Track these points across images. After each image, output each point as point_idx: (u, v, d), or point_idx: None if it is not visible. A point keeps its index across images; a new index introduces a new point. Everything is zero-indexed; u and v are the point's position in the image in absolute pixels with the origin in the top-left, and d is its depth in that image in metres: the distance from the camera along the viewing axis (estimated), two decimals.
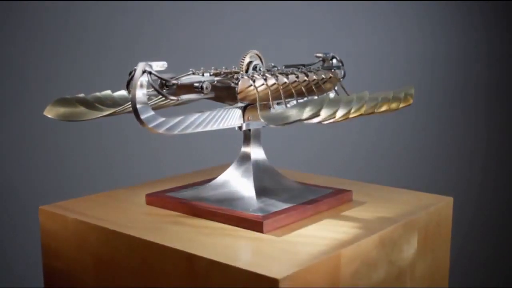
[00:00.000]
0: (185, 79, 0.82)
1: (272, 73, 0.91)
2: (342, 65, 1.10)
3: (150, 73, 0.78)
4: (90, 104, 0.92)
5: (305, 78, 0.93)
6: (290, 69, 0.96)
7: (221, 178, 0.97)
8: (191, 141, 1.51)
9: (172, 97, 0.81)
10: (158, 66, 0.80)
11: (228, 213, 0.87)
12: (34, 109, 1.30)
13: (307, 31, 1.80)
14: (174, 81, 0.81)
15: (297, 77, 0.92)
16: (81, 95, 0.93)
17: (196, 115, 0.85)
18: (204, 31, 1.59)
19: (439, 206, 0.98)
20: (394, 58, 2.01)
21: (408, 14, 2.02)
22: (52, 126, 1.25)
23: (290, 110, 0.87)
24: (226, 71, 0.94)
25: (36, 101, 1.31)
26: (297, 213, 0.89)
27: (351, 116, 0.80)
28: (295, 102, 0.94)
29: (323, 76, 0.97)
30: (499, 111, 2.27)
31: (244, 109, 0.93)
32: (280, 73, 0.92)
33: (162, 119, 0.81)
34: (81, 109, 0.91)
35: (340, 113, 0.80)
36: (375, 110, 0.81)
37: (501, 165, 2.29)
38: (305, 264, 0.72)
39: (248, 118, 0.93)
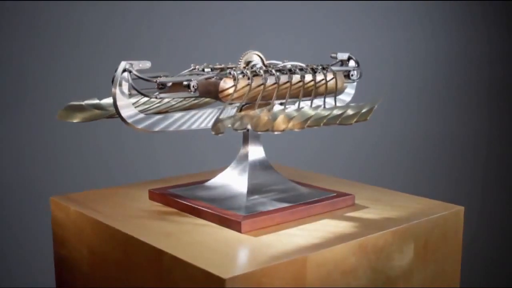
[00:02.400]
0: (165, 79, 0.83)
1: (266, 71, 0.90)
2: (358, 66, 1.08)
3: (131, 71, 0.80)
4: (101, 107, 0.95)
5: (299, 79, 0.92)
6: (292, 68, 0.94)
7: (218, 177, 0.98)
8: (200, 143, 1.52)
9: (152, 96, 0.82)
10: (141, 65, 0.82)
11: (212, 212, 0.88)
12: (42, 109, 1.37)
13: (308, 31, 1.77)
14: (154, 81, 0.82)
15: (291, 77, 0.91)
16: (96, 100, 0.95)
17: (180, 113, 0.86)
18: (209, 30, 1.59)
19: (444, 215, 0.93)
20: (395, 58, 1.95)
21: (409, 14, 1.97)
22: (63, 126, 1.30)
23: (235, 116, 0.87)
24: (231, 66, 0.94)
25: (41, 101, 1.37)
26: (283, 215, 0.88)
27: (292, 128, 0.82)
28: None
29: (322, 77, 0.94)
30: (504, 111, 2.18)
31: (240, 109, 0.93)
32: (274, 72, 0.90)
33: (143, 115, 0.83)
34: (93, 111, 0.94)
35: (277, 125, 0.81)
36: (321, 124, 0.83)
37: (503, 164, 2.20)
38: (262, 265, 0.72)
39: None
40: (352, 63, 1.08)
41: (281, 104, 0.99)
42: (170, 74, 0.87)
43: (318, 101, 1.00)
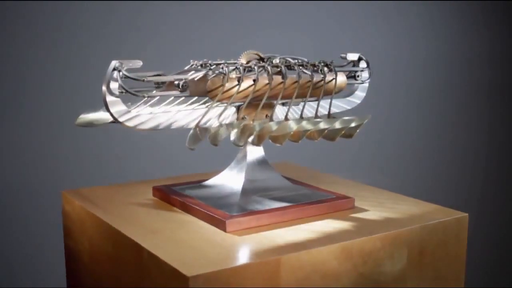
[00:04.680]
0: (153, 78, 0.84)
1: (261, 66, 0.89)
2: (368, 66, 1.06)
3: (120, 71, 0.82)
4: None
5: (295, 80, 0.91)
6: (291, 64, 0.92)
7: (219, 176, 0.98)
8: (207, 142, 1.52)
9: (138, 94, 0.83)
10: (131, 64, 0.83)
11: (203, 210, 0.88)
12: (58, 109, 1.41)
13: (309, 31, 1.74)
14: (142, 79, 0.83)
15: (284, 78, 0.89)
16: None
17: (172, 112, 0.88)
18: (214, 28, 1.58)
19: (444, 222, 0.90)
20: (395, 59, 1.90)
21: (409, 14, 1.92)
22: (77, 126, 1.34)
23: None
24: (231, 62, 0.93)
25: (55, 101, 1.41)
26: (272, 215, 0.87)
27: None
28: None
29: (320, 78, 0.93)
30: (504, 112, 2.14)
31: (238, 108, 0.93)
32: (269, 69, 0.89)
33: (133, 114, 0.85)
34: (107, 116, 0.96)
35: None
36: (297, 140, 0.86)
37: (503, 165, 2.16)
38: (230, 265, 0.72)
39: (242, 117, 0.93)
40: (362, 64, 1.05)
41: (283, 104, 0.99)
42: (169, 72, 0.88)
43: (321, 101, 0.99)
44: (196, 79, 0.85)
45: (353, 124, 0.89)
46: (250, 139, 0.86)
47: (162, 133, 1.01)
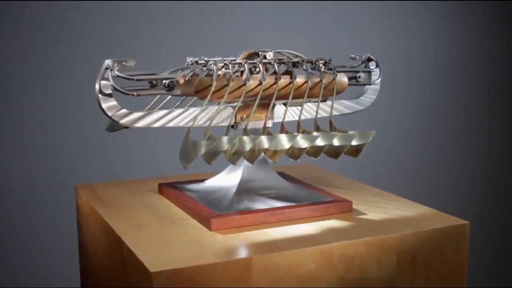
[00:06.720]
0: (142, 76, 0.86)
1: (253, 64, 0.88)
2: (377, 66, 1.03)
3: (112, 69, 0.84)
4: None
5: (289, 81, 0.90)
6: (286, 61, 0.91)
7: (218, 175, 0.99)
8: None
9: (128, 93, 0.85)
10: (125, 63, 0.85)
11: (195, 208, 0.89)
12: (76, 107, 1.44)
13: (309, 30, 1.69)
14: (132, 79, 0.85)
15: (278, 79, 0.89)
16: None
17: (165, 111, 0.89)
18: (216, 28, 1.57)
19: (441, 229, 0.87)
20: (394, 60, 1.83)
21: (408, 14, 1.85)
22: (93, 125, 1.38)
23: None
24: (229, 59, 0.93)
25: (61, 100, 1.44)
26: (261, 216, 0.87)
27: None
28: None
29: (318, 79, 0.92)
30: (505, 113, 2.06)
31: (236, 108, 0.93)
32: (261, 67, 0.88)
33: (126, 111, 0.86)
34: None
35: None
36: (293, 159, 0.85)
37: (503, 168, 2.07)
38: (198, 263, 0.72)
39: (241, 117, 0.94)
40: (372, 65, 1.03)
41: (284, 104, 0.99)
42: (156, 71, 0.88)
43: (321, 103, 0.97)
44: (182, 78, 0.85)
45: (354, 142, 0.86)
46: (243, 157, 0.85)
47: (175, 132, 1.04)
